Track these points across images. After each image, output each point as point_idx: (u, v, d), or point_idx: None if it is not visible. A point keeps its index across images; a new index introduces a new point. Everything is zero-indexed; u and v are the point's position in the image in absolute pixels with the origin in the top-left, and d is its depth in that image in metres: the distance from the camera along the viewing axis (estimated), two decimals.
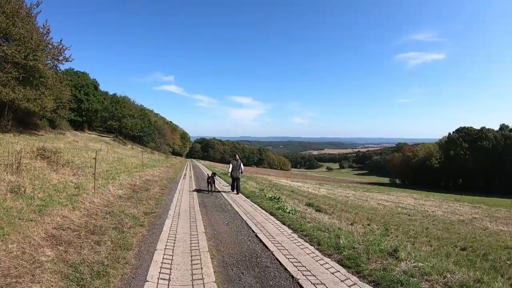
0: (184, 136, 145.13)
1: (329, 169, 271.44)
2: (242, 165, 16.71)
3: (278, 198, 14.45)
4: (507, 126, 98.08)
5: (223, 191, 16.97)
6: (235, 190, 16.63)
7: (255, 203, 13.28)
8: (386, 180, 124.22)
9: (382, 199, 35.33)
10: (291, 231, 8.49)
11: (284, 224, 9.38)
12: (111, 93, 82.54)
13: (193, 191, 16.60)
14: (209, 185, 16.54)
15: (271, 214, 10.92)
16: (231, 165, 16.44)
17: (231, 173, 16.45)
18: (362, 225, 13.27)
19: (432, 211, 26.21)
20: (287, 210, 11.50)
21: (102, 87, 73.80)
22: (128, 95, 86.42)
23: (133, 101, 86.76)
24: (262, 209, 11.91)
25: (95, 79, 66.97)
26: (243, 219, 9.95)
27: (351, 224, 12.19)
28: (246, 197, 14.99)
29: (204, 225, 8.82)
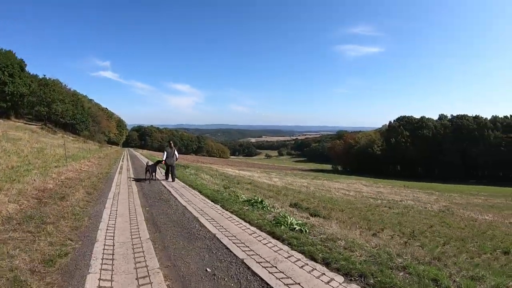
0: (120, 123, 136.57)
1: (267, 156, 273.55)
2: (176, 153, 16.49)
3: (261, 202, 10.11)
4: (446, 116, 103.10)
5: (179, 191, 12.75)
6: (170, 178, 16.09)
7: (233, 212, 8.83)
8: (327, 167, 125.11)
9: (339, 187, 33.01)
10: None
11: (327, 266, 5.09)
12: (40, 76, 72.60)
13: (135, 194, 11.76)
14: (148, 172, 15.71)
15: (279, 239, 6.54)
16: (165, 153, 16.18)
17: (165, 161, 16.04)
18: (374, 233, 9.37)
19: (400, 201, 24.49)
20: (294, 227, 7.31)
21: (30, 69, 64.47)
22: (60, 79, 76.98)
23: (65, 85, 78.31)
24: (252, 225, 7.53)
25: (22, 59, 58.39)
26: (238, 258, 5.45)
27: (374, 235, 8.78)
28: (213, 201, 10.40)
29: None
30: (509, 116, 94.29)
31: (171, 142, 17.14)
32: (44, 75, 73.28)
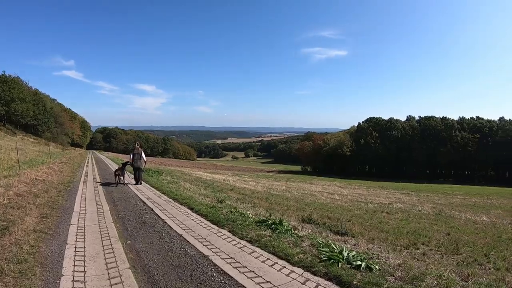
0: (84, 125, 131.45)
1: (234, 158, 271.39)
2: (144, 155, 15.67)
3: (280, 223, 7.57)
4: (414, 117, 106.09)
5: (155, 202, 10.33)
6: (138, 182, 15.31)
7: (252, 242, 6.35)
8: (296, 168, 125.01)
9: (319, 190, 31.34)
10: None
11: None
12: None
13: (107, 214, 8.66)
14: (117, 176, 15.15)
15: None
16: (132, 155, 15.53)
17: (132, 163, 15.36)
18: (424, 253, 7.56)
19: (389, 203, 22.98)
20: (355, 263, 5.15)
21: None
22: (20, 77, 71.51)
23: (26, 84, 72.39)
24: (294, 264, 5.20)
25: None
26: None
27: (424, 255, 7.38)
28: (216, 224, 7.68)
29: None
30: (475, 117, 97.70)
31: (136, 143, 16.64)
32: (4, 72, 67.73)
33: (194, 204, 9.83)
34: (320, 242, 6.35)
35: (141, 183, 15.16)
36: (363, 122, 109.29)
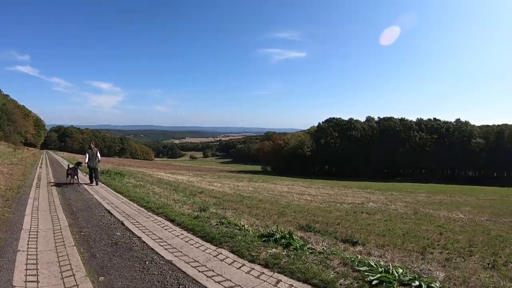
0: (38, 123, 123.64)
1: (193, 158, 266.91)
2: (99, 154, 15.37)
3: (289, 236, 6.03)
4: (373, 118, 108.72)
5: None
6: (94, 182, 14.85)
7: (269, 266, 4.79)
8: (256, 167, 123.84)
9: (288, 191, 30.50)
10: None
11: None
12: None
13: (66, 233, 6.58)
14: (69, 176, 14.26)
15: None
16: (87, 155, 15.06)
17: (88, 163, 14.88)
18: (456, 267, 6.50)
19: (361, 203, 22.86)
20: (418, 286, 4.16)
21: None
22: None
23: None
24: None
25: None
26: None
27: (457, 269, 6.32)
28: (210, 242, 6.01)
29: None
30: (432, 119, 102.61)
31: (92, 142, 16.23)
32: None
33: (172, 214, 8.14)
34: (350, 258, 5.18)
35: (97, 183, 14.69)
36: (323, 122, 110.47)
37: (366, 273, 4.37)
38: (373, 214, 17.43)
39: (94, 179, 14.87)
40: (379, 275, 4.25)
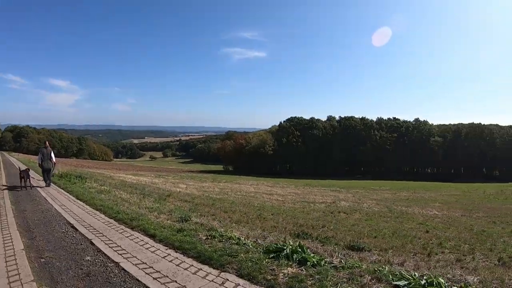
0: None
1: (152, 158, 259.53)
2: (53, 155, 14.57)
3: (300, 250, 4.95)
4: (334, 118, 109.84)
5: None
6: (47, 182, 14.11)
7: None
8: (217, 167, 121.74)
9: (256, 191, 29.54)
10: None
11: None
12: None
13: (22, 261, 5.03)
14: (22, 179, 13.35)
15: None
16: (41, 154, 14.22)
17: (41, 164, 14.12)
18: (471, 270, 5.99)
19: (333, 202, 22.29)
20: None
21: None
22: None
23: None
24: None
25: None
26: None
27: (475, 272, 6.02)
28: (209, 264, 4.77)
29: None
30: (392, 118, 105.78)
31: (47, 142, 15.45)
32: None
33: (151, 227, 6.77)
34: (379, 270, 4.47)
35: (49, 185, 13.94)
36: (284, 121, 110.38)
37: None
38: (350, 213, 17.15)
39: (48, 180, 14.10)
40: None
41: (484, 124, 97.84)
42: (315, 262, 4.65)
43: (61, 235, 6.43)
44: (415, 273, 4.44)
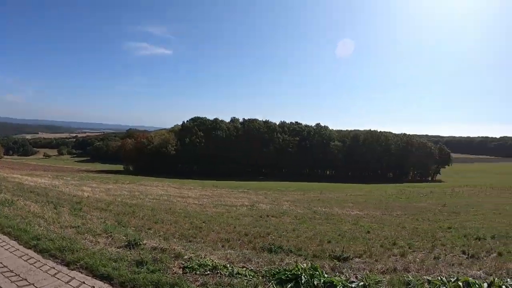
0: None
1: (46, 156, 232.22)
2: None
3: (320, 273, 3.84)
4: (238, 119, 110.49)
5: None
6: None
7: None
8: (117, 167, 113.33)
9: (163, 194, 27.81)
10: None
11: None
12: None
13: None
14: None
15: None
16: None
17: None
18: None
19: (251, 204, 22.00)
20: None
21: None
22: None
23: None
24: None
25: None
26: None
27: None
28: None
29: None
30: (294, 122, 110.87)
31: None
32: None
33: (95, 261, 4.67)
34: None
35: None
36: (188, 121, 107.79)
37: None
38: (279, 216, 16.69)
39: None
40: None
41: (380, 131, 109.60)
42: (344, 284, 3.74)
43: None
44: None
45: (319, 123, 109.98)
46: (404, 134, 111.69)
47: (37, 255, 5.16)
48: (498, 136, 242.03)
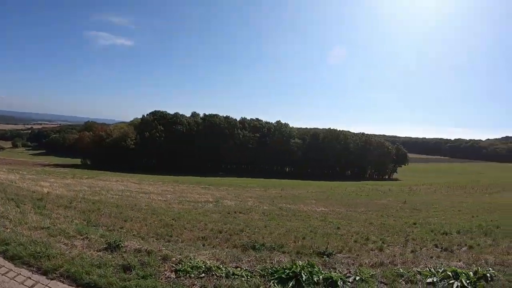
0: None
1: (1, 148, 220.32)
2: None
3: (318, 271, 3.85)
4: (198, 114, 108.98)
5: None
6: None
7: None
8: (73, 161, 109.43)
9: (123, 189, 25.72)
10: None
11: None
12: None
13: None
14: None
15: None
16: None
17: None
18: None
19: (215, 200, 21.59)
20: None
21: None
22: None
23: None
24: None
25: None
26: None
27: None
28: None
29: None
30: (255, 118, 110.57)
31: None
32: None
33: (76, 269, 4.31)
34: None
35: None
36: (147, 114, 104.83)
37: None
38: (246, 213, 16.69)
39: None
40: None
41: (339, 130, 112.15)
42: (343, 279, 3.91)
43: None
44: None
45: (279, 120, 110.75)
46: (363, 134, 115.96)
47: (8, 263, 4.61)
48: (453, 138, 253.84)
